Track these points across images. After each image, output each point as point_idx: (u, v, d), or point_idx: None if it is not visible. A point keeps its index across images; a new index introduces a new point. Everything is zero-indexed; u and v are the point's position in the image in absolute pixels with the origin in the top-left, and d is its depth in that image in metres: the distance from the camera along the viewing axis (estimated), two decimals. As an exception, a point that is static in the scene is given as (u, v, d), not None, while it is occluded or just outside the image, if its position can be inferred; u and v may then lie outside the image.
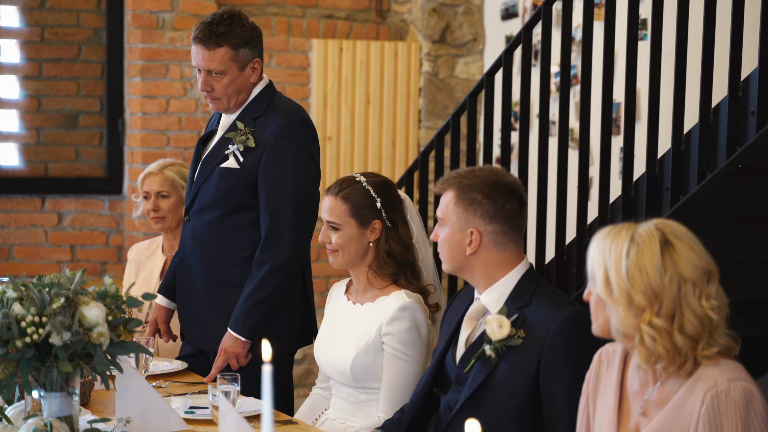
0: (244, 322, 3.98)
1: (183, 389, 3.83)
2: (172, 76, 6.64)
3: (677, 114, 4.36)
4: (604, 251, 2.61)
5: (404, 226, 3.84)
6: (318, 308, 6.98)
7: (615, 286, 2.58)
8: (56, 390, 2.89)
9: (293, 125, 4.04)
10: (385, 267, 3.78)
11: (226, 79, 4.01)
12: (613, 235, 2.62)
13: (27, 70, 6.61)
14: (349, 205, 3.79)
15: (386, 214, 3.79)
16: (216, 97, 4.05)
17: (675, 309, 2.55)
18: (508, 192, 3.26)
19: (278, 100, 4.12)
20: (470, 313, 3.33)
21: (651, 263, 2.56)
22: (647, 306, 2.56)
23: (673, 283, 2.55)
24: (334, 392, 3.87)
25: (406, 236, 3.82)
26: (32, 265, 6.52)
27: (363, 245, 3.80)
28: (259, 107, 4.07)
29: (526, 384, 3.16)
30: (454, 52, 7.23)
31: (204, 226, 4.10)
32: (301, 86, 6.93)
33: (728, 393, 2.51)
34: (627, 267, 2.57)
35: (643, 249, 2.57)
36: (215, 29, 3.98)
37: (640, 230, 2.60)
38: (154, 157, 6.43)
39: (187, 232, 4.16)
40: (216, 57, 3.99)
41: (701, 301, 2.56)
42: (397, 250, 3.77)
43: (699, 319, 2.55)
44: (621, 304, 2.58)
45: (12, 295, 2.88)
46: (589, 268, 2.65)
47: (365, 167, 7.03)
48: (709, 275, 2.58)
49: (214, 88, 4.02)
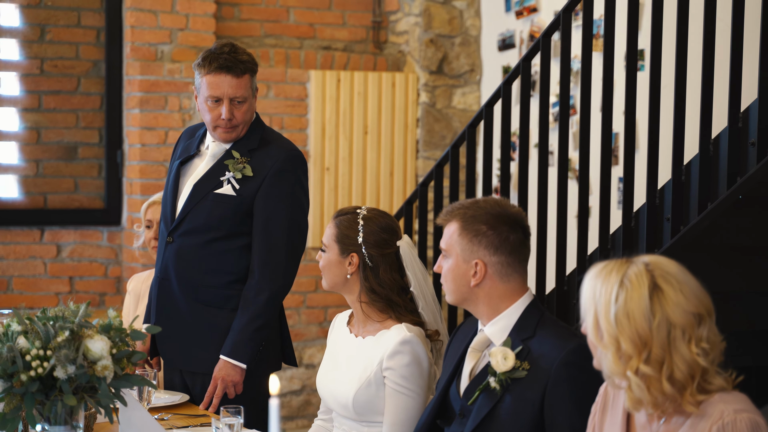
0: (245, 349, 4.05)
1: (185, 422, 3.82)
2: (171, 108, 6.66)
3: (677, 145, 4.38)
4: (594, 293, 2.59)
5: (390, 271, 3.80)
6: (317, 338, 6.98)
7: (604, 332, 2.56)
8: (60, 423, 2.88)
9: (292, 160, 4.18)
10: (374, 303, 3.79)
11: (245, 106, 4.13)
12: (604, 276, 2.59)
13: (26, 103, 6.62)
14: (337, 231, 3.83)
15: (366, 252, 3.79)
16: (235, 125, 4.14)
17: (664, 356, 2.52)
18: (512, 223, 3.26)
19: (270, 133, 4.27)
20: (474, 345, 3.33)
21: (639, 309, 2.52)
22: (635, 353, 2.53)
23: (662, 329, 2.52)
24: (336, 424, 3.86)
25: (391, 281, 3.79)
26: (31, 296, 6.51)
27: (342, 274, 3.82)
28: (253, 139, 4.19)
29: (530, 416, 3.16)
30: (452, 82, 7.26)
31: (191, 249, 4.17)
32: (299, 117, 6.95)
33: (735, 425, 2.50)
34: (615, 313, 2.54)
35: (631, 294, 2.53)
36: (239, 57, 4.10)
37: (629, 272, 2.56)
38: (152, 189, 6.44)
39: (171, 252, 4.21)
40: (243, 84, 4.10)
41: (691, 347, 2.52)
42: (379, 290, 3.77)
43: (688, 365, 2.52)
44: (610, 350, 2.56)
45: (17, 329, 2.87)
46: (582, 307, 2.63)
47: (363, 198, 7.04)
48: (700, 318, 2.54)
49: (235, 116, 4.12)
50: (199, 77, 4.13)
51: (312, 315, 6.97)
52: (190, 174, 4.25)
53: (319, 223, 6.93)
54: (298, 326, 6.84)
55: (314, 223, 6.89)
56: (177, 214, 4.20)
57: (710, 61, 4.30)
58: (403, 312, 3.77)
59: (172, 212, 4.23)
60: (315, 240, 6.92)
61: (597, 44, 5.79)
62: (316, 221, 6.91)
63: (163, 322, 4.19)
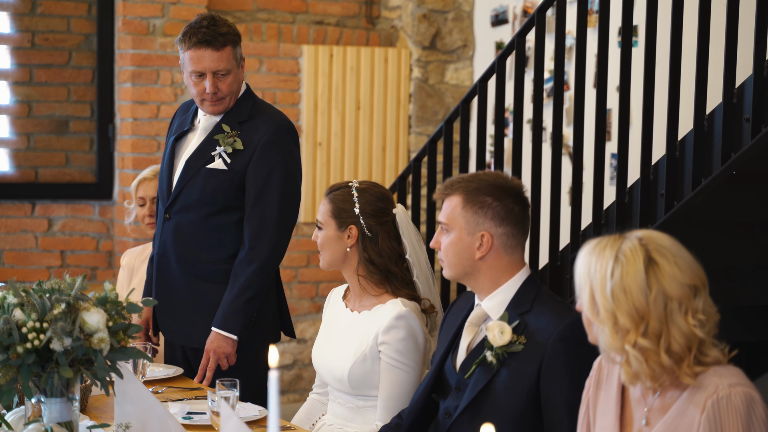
0: (235, 320, 4.06)
1: (180, 395, 3.82)
2: (163, 82, 6.63)
3: (671, 120, 4.38)
4: (589, 270, 2.59)
5: (389, 239, 3.81)
6: (308, 313, 6.98)
7: (601, 307, 2.56)
8: (57, 396, 2.88)
9: (282, 131, 4.16)
10: (371, 275, 3.80)
11: (230, 78, 4.12)
12: (599, 252, 2.59)
13: (17, 76, 6.59)
14: (332, 206, 3.83)
15: (365, 223, 3.80)
16: (221, 98, 4.14)
17: (662, 328, 2.53)
18: (515, 195, 3.26)
19: (261, 104, 4.26)
20: (471, 320, 3.33)
21: (635, 283, 2.53)
22: (632, 327, 2.54)
23: (659, 302, 2.53)
24: (331, 398, 3.87)
25: (390, 249, 3.80)
26: (22, 270, 6.50)
27: (341, 249, 3.82)
28: (243, 111, 4.19)
29: (526, 390, 3.16)
30: (444, 58, 7.24)
31: (187, 225, 4.18)
32: (292, 92, 6.94)
33: (729, 399, 2.51)
34: (612, 288, 2.54)
35: (627, 269, 2.54)
36: (218, 30, 4.08)
37: (624, 247, 2.57)
38: (144, 163, 6.42)
39: (168, 229, 4.22)
40: (224, 57, 4.08)
41: (687, 318, 2.53)
42: (377, 260, 3.78)
43: (685, 336, 2.53)
44: (607, 325, 2.57)
45: (13, 301, 2.87)
46: (576, 284, 2.63)
47: (355, 173, 7.04)
48: (695, 290, 2.55)
49: (220, 89, 4.11)
50: (182, 52, 4.13)
51: (304, 290, 6.98)
52: (184, 149, 4.26)
53: (311, 198, 6.93)
54: (290, 301, 6.84)
55: (306, 198, 6.88)
56: (172, 190, 4.21)
57: (705, 37, 4.29)
58: (399, 285, 3.77)
59: (168, 189, 4.23)
60: (307, 215, 6.91)
61: (591, 20, 5.79)
62: (308, 197, 6.90)
63: (163, 299, 4.20)
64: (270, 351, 2.29)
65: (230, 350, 4.07)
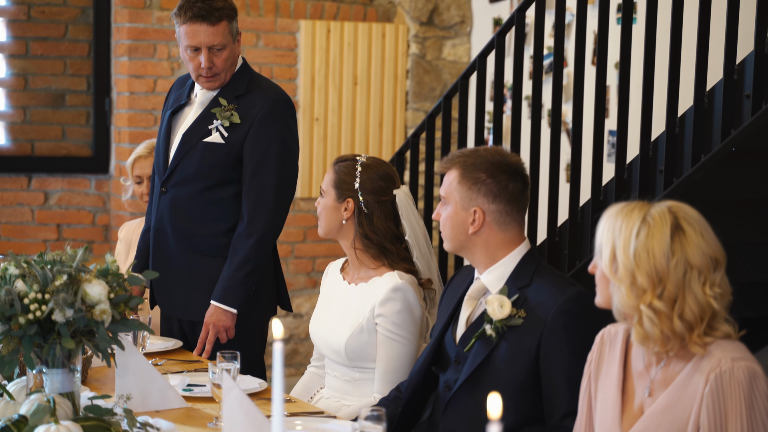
0: (234, 294, 4.07)
1: (179, 367, 3.83)
2: (160, 56, 6.61)
3: (671, 97, 4.37)
4: (614, 228, 2.62)
5: (384, 219, 3.81)
6: (304, 288, 6.99)
7: (620, 265, 2.59)
8: (58, 367, 2.88)
9: (279, 104, 4.16)
10: (368, 249, 3.81)
11: (225, 53, 4.11)
12: (626, 213, 2.62)
13: (13, 49, 6.57)
14: (335, 176, 3.85)
15: (363, 199, 3.80)
16: (216, 73, 4.14)
17: (677, 294, 2.56)
18: (511, 172, 3.26)
19: (258, 78, 4.25)
20: (471, 293, 3.34)
21: (659, 246, 2.56)
22: (649, 288, 2.57)
23: (679, 268, 2.56)
24: (328, 371, 3.88)
25: (385, 229, 3.80)
26: (18, 243, 6.50)
27: (337, 219, 3.83)
28: (240, 85, 4.18)
29: (525, 364, 3.17)
30: (442, 34, 7.23)
31: (184, 198, 4.18)
32: (289, 67, 6.92)
33: (732, 373, 2.52)
34: (635, 247, 2.57)
35: (653, 231, 2.57)
36: (214, 4, 4.07)
37: (652, 211, 2.60)
38: (141, 137, 6.41)
39: (165, 203, 4.22)
40: (219, 32, 4.07)
41: (705, 288, 2.56)
42: (372, 237, 3.79)
43: (700, 306, 2.56)
44: (624, 283, 2.59)
45: (14, 272, 2.86)
46: (597, 242, 2.65)
47: (352, 148, 7.03)
48: (716, 263, 2.58)
49: (215, 64, 4.10)
50: (177, 27, 4.12)
51: (300, 265, 6.98)
52: (181, 123, 4.26)
53: (307, 173, 6.92)
54: (287, 276, 6.84)
55: (303, 174, 6.87)
56: (169, 164, 4.20)
57: (706, 13, 4.29)
58: (396, 260, 3.79)
59: (164, 162, 4.23)
60: (303, 190, 6.91)
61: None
62: (304, 172, 6.90)
63: (160, 272, 4.19)
64: (274, 323, 2.29)
65: (229, 323, 4.08)
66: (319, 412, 3.34)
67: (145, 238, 4.34)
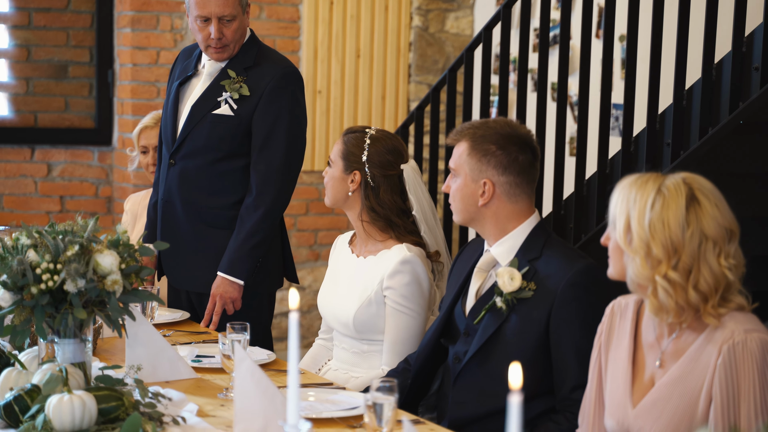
0: (242, 265, 4.08)
1: (188, 338, 3.84)
2: (163, 28, 6.59)
3: (679, 69, 4.36)
4: (628, 199, 2.62)
5: (390, 193, 3.81)
6: (307, 261, 6.99)
7: (635, 236, 2.59)
8: (70, 336, 2.88)
9: (288, 77, 4.16)
10: (375, 222, 3.81)
11: (235, 24, 4.11)
12: (640, 184, 2.62)
13: (16, 19, 6.54)
14: (343, 147, 3.85)
15: (369, 172, 3.80)
16: (225, 44, 4.13)
17: (692, 265, 2.56)
18: (521, 144, 3.26)
19: (267, 50, 4.24)
20: (480, 265, 3.34)
21: (675, 217, 2.56)
22: (665, 259, 2.57)
23: (694, 239, 2.56)
24: (336, 343, 3.88)
25: (391, 202, 3.80)
26: (21, 215, 6.49)
27: (344, 191, 3.84)
28: (248, 57, 4.18)
29: (535, 336, 3.18)
30: (445, 6, 7.20)
31: (193, 170, 4.19)
32: (292, 39, 6.90)
33: (745, 344, 2.53)
34: (650, 218, 2.57)
35: (668, 202, 2.57)
36: None
37: (667, 182, 2.60)
38: (144, 109, 6.39)
39: (173, 175, 4.23)
40: (230, 2, 4.08)
41: (720, 260, 2.57)
42: (378, 210, 3.79)
43: (715, 277, 2.57)
44: (639, 254, 2.59)
45: (26, 242, 2.86)
46: (611, 213, 2.65)
47: (355, 121, 7.02)
48: (731, 234, 2.59)
49: (225, 35, 4.10)
50: None
51: (302, 238, 6.97)
52: (189, 95, 4.25)
53: (310, 146, 6.91)
54: (290, 249, 6.84)
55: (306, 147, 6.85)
56: (177, 136, 4.19)
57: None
58: (403, 232, 3.79)
59: (173, 134, 4.22)
60: (306, 163, 6.89)
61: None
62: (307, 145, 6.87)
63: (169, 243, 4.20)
64: (290, 294, 2.29)
65: (236, 295, 4.09)
66: (329, 383, 3.35)
67: (154, 210, 4.33)
